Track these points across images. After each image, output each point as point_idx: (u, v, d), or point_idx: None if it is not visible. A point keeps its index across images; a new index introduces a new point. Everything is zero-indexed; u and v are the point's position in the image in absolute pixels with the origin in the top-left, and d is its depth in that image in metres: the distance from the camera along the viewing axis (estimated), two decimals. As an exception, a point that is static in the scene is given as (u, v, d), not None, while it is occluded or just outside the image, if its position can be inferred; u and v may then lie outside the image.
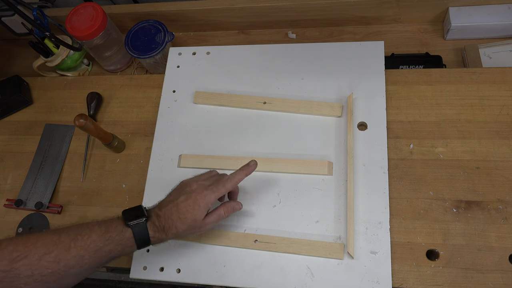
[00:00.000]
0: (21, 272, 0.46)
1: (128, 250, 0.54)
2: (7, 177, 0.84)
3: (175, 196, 0.58)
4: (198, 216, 0.56)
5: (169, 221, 0.56)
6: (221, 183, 0.59)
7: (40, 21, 0.88)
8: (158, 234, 0.55)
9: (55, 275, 0.48)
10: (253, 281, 0.63)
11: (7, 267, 0.46)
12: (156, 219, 0.56)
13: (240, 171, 0.60)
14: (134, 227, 0.54)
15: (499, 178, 0.65)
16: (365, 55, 0.75)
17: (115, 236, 0.52)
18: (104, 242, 0.51)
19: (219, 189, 0.58)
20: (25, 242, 0.48)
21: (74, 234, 0.50)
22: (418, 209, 0.65)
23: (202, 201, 0.56)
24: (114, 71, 0.99)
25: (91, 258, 0.50)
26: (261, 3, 0.88)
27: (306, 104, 0.73)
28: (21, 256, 0.46)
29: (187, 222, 0.56)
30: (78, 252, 0.49)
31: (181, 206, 0.56)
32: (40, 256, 0.47)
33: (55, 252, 0.48)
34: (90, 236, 0.51)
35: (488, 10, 0.82)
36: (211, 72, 0.81)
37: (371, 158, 0.67)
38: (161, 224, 0.55)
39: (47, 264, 0.47)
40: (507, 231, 0.62)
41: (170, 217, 0.56)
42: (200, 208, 0.56)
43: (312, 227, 0.65)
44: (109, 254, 0.52)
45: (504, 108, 0.69)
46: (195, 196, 0.56)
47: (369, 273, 0.60)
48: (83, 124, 0.68)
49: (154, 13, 0.92)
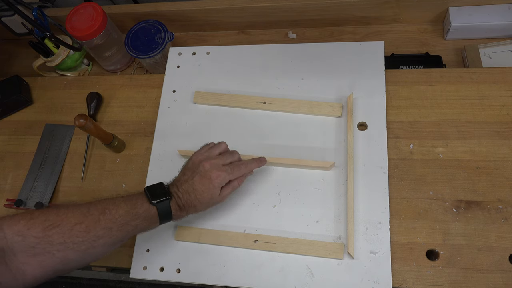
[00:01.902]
0: (54, 240, 0.48)
1: (152, 226, 0.58)
2: (7, 177, 0.84)
3: (189, 175, 0.61)
4: (214, 194, 0.60)
5: (188, 201, 0.59)
6: (236, 167, 0.62)
7: (40, 21, 0.88)
8: (179, 213, 0.59)
9: (85, 244, 0.50)
10: (253, 281, 0.63)
11: (41, 233, 0.48)
12: (177, 198, 0.59)
13: (253, 161, 0.65)
14: (159, 206, 0.57)
15: (499, 178, 0.65)
16: (365, 55, 0.75)
17: (141, 213, 0.55)
18: (131, 217, 0.54)
19: (234, 172, 0.61)
20: (57, 213, 0.51)
21: (102, 208, 0.53)
22: (418, 209, 0.65)
23: (217, 180, 0.59)
24: (114, 71, 0.99)
25: (118, 231, 0.53)
26: (261, 3, 0.88)
27: (306, 104, 0.73)
28: (54, 225, 0.49)
29: (205, 200, 0.60)
30: (107, 224, 0.52)
31: (197, 186, 0.59)
32: (72, 225, 0.50)
33: (85, 222, 0.51)
34: (118, 211, 0.54)
35: (488, 10, 0.82)
36: (211, 72, 0.81)
37: (371, 158, 0.67)
38: (182, 203, 0.59)
39: (78, 233, 0.50)
40: (507, 231, 0.62)
41: (188, 197, 0.59)
42: (215, 187, 0.60)
43: (312, 227, 0.65)
44: (135, 228, 0.55)
45: (504, 108, 0.69)
46: (209, 175, 0.59)
47: (369, 273, 0.60)
48: (83, 124, 0.68)
49: (154, 13, 0.92)
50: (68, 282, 1.48)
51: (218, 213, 0.68)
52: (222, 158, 0.62)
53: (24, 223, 0.48)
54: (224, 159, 0.62)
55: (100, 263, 0.74)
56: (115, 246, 0.55)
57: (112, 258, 0.73)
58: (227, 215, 0.68)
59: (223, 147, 0.65)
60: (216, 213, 0.68)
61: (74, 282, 1.47)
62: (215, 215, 0.68)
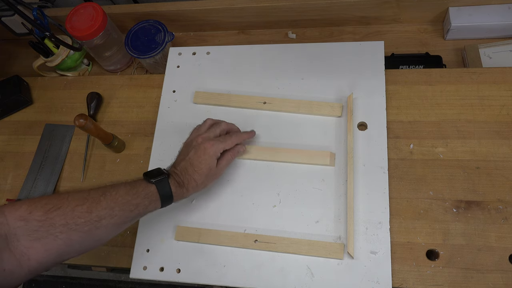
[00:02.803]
0: (56, 222, 0.49)
1: (153, 205, 0.58)
2: (7, 177, 0.84)
3: (184, 154, 0.63)
4: (211, 164, 0.62)
5: (186, 176, 0.60)
6: (227, 136, 0.65)
7: (40, 21, 0.88)
8: (179, 190, 0.60)
9: (88, 224, 0.51)
10: (253, 281, 0.63)
11: (43, 217, 0.48)
12: (176, 176, 0.60)
13: (244, 132, 0.69)
14: (158, 183, 0.58)
15: (499, 178, 0.65)
16: (365, 55, 0.75)
17: (141, 191, 0.56)
18: (132, 196, 0.55)
19: (226, 141, 0.64)
20: (57, 196, 0.51)
21: (102, 191, 0.54)
22: (418, 209, 0.65)
23: (211, 149, 0.62)
24: (114, 71, 0.99)
25: (120, 211, 0.53)
26: (261, 3, 0.88)
27: (306, 104, 0.73)
28: (55, 207, 0.49)
29: (203, 172, 0.61)
30: (108, 204, 0.53)
31: (193, 159, 0.61)
32: (73, 207, 0.50)
33: (87, 204, 0.51)
34: (118, 192, 0.54)
35: (488, 10, 0.82)
36: (211, 72, 0.81)
37: (371, 158, 0.67)
38: (181, 180, 0.60)
39: (80, 214, 0.50)
40: (507, 231, 0.62)
41: (186, 172, 0.60)
42: (211, 156, 0.61)
43: (312, 227, 0.65)
44: (137, 208, 0.55)
45: (504, 108, 0.69)
46: (204, 146, 0.62)
47: (369, 273, 0.60)
48: (83, 124, 0.68)
49: (154, 13, 0.92)
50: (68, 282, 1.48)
51: (218, 213, 0.68)
52: (211, 131, 0.65)
53: (26, 207, 0.49)
54: (213, 131, 0.65)
55: (100, 263, 0.74)
56: (119, 229, 0.55)
57: (112, 258, 0.73)
58: (227, 215, 0.68)
59: (209, 121, 0.68)
60: (216, 213, 0.68)
61: (74, 282, 1.47)
62: (215, 215, 0.68)
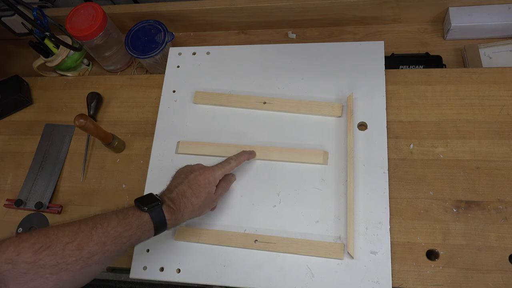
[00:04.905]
0: (46, 263, 0.45)
1: (146, 235, 0.55)
2: (7, 177, 0.84)
3: (182, 178, 0.60)
4: (210, 189, 0.60)
5: (184, 200, 0.58)
6: (226, 162, 0.64)
7: (40, 21, 0.88)
8: (174, 216, 0.56)
9: (80, 262, 0.48)
10: (253, 281, 0.63)
11: (31, 258, 0.45)
12: (170, 202, 0.57)
13: (242, 153, 0.67)
14: (151, 211, 0.54)
15: (499, 178, 0.65)
16: (365, 55, 0.75)
17: (133, 221, 0.53)
18: (124, 228, 0.52)
19: (224, 166, 0.63)
20: (46, 233, 0.48)
21: (93, 223, 0.51)
22: (418, 209, 0.65)
23: (211, 175, 0.60)
24: (114, 71, 0.99)
25: (112, 245, 0.51)
26: (261, 3, 0.88)
27: (306, 104, 0.73)
28: (44, 246, 0.46)
29: (202, 196, 0.59)
30: (100, 239, 0.50)
31: (192, 183, 0.59)
32: (64, 245, 0.47)
33: (77, 240, 0.48)
34: (110, 224, 0.51)
35: (488, 10, 0.82)
36: (211, 72, 0.81)
37: (371, 158, 0.67)
38: (176, 205, 0.57)
39: (71, 252, 0.47)
40: (507, 231, 0.62)
41: (184, 195, 0.58)
42: (210, 182, 0.60)
43: (312, 227, 0.65)
44: (129, 240, 0.53)
45: (504, 108, 0.69)
46: (204, 172, 0.60)
47: (369, 273, 0.60)
48: (83, 124, 0.68)
49: (154, 13, 0.92)
50: (68, 282, 1.47)
51: (218, 213, 0.68)
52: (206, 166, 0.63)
53: (13, 249, 0.45)
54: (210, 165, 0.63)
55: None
56: (110, 262, 0.52)
57: (112, 258, 0.73)
58: (227, 215, 0.68)
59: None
60: (216, 213, 0.68)
61: (74, 282, 1.47)
62: (215, 215, 0.68)
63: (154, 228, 0.55)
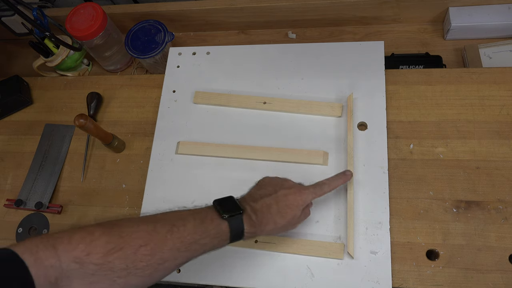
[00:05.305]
0: (115, 265, 0.42)
1: (221, 244, 0.51)
2: (7, 177, 0.84)
3: (270, 190, 0.55)
4: (296, 212, 0.55)
5: (267, 215, 0.53)
6: (318, 186, 0.58)
7: (40, 21, 0.88)
8: (253, 229, 0.52)
9: (149, 268, 0.45)
10: (253, 281, 0.63)
11: (101, 260, 0.42)
12: (252, 213, 0.52)
13: (337, 177, 0.60)
14: (231, 221, 0.50)
15: (499, 178, 0.65)
16: (365, 55, 0.75)
17: (211, 229, 0.49)
18: (201, 235, 0.48)
19: (316, 192, 0.57)
20: (120, 233, 0.44)
21: (169, 225, 0.47)
22: (418, 209, 0.65)
23: (302, 198, 0.55)
24: (114, 71, 0.99)
25: (186, 252, 0.47)
26: (261, 3, 0.88)
27: (306, 104, 0.73)
28: (116, 248, 0.43)
29: (287, 217, 0.54)
30: (175, 244, 0.46)
31: (281, 200, 0.54)
32: (136, 248, 0.44)
33: (151, 244, 0.45)
34: (186, 228, 0.47)
35: (488, 10, 0.82)
36: (211, 72, 0.81)
37: (371, 158, 0.67)
38: (259, 218, 0.52)
39: (142, 257, 0.44)
40: (507, 231, 0.62)
41: (268, 210, 0.53)
42: (299, 205, 0.55)
43: (312, 227, 0.65)
44: (203, 247, 0.49)
45: (504, 108, 0.69)
46: (295, 192, 0.55)
47: (369, 273, 0.60)
48: (83, 124, 0.68)
49: (154, 13, 0.92)
50: (68, 282, 1.47)
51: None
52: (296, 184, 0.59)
53: (83, 247, 0.41)
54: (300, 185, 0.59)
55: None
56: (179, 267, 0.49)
57: (112, 258, 0.73)
58: (227, 215, 0.68)
59: None
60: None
61: (74, 282, 1.47)
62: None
63: (230, 240, 0.51)
